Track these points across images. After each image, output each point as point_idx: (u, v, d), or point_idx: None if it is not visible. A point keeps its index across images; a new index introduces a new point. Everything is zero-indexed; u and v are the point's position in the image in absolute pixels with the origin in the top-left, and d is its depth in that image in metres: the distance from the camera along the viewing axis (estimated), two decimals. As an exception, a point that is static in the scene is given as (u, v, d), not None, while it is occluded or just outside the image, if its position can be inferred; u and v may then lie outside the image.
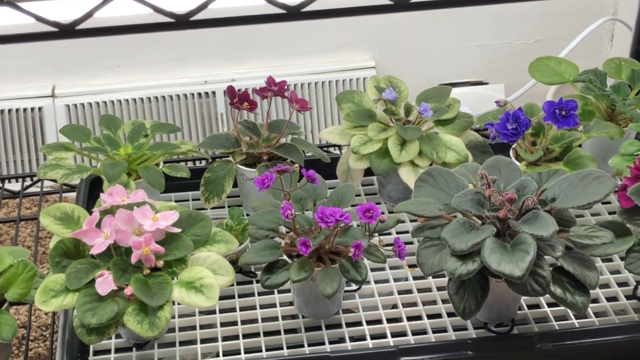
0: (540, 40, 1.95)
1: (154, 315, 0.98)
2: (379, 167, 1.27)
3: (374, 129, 1.29)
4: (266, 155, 1.30)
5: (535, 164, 1.26)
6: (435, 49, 1.92)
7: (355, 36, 1.91)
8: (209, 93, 1.88)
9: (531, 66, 1.40)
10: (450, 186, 1.11)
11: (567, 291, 1.01)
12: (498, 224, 1.04)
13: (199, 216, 1.08)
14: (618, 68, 1.41)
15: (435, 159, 1.27)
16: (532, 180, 1.06)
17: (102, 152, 1.26)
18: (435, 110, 1.31)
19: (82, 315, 0.97)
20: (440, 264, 1.02)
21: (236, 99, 1.28)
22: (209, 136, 1.33)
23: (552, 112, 1.20)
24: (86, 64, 1.83)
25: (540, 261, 1.00)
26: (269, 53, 1.91)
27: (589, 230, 1.02)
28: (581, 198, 1.02)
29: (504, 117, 1.22)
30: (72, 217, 1.07)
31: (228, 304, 1.16)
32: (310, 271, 1.05)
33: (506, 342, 1.06)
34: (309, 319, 1.13)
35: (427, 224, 1.09)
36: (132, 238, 1.01)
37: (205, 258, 1.05)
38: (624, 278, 1.20)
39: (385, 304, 1.17)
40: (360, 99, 1.36)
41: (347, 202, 1.14)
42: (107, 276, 1.00)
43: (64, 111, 1.82)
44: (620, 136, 1.28)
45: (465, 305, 1.02)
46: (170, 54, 1.86)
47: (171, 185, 1.35)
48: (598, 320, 1.12)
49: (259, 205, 1.15)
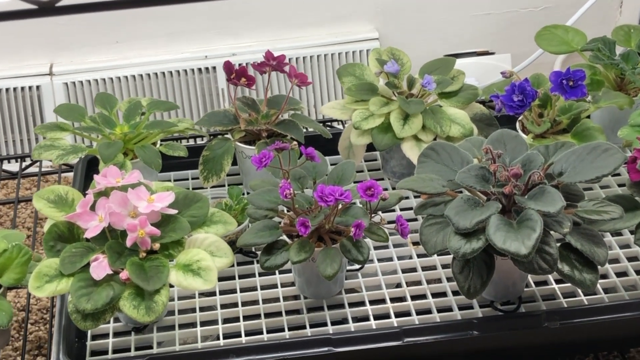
0: (548, 7, 1.90)
1: (151, 299, 0.95)
2: (381, 142, 1.24)
3: (376, 103, 1.26)
4: (266, 132, 1.27)
5: (542, 136, 1.22)
6: (441, 19, 1.88)
7: (358, 7, 1.87)
8: (209, 68, 1.84)
9: (538, 35, 1.36)
10: (455, 161, 1.08)
11: (575, 268, 0.98)
12: (503, 200, 1.01)
13: (196, 197, 1.06)
14: (627, 36, 1.37)
15: (439, 133, 1.23)
16: (538, 154, 1.03)
17: (98, 131, 1.24)
18: (439, 82, 1.27)
19: (77, 300, 0.94)
20: (444, 242, 0.99)
21: (233, 75, 1.25)
22: (207, 113, 1.30)
23: (559, 83, 1.17)
24: (84, 41, 1.80)
25: (547, 238, 0.97)
26: (270, 26, 1.87)
27: (598, 205, 0.99)
28: (589, 172, 0.99)
29: (510, 88, 1.18)
30: (66, 200, 1.05)
31: (228, 285, 1.14)
32: (310, 252, 1.02)
33: (512, 321, 1.04)
34: (310, 300, 1.11)
35: (430, 201, 1.06)
36: (127, 220, 0.99)
37: (203, 240, 1.02)
38: (634, 252, 1.17)
39: (389, 283, 1.14)
40: (361, 72, 1.33)
41: (347, 180, 1.11)
42: (102, 260, 0.97)
43: (62, 89, 1.79)
44: (629, 106, 1.24)
45: (470, 285, 1.00)
46: (169, 29, 1.82)
47: (170, 164, 1.32)
48: (607, 296, 1.09)
49: (258, 185, 1.12)
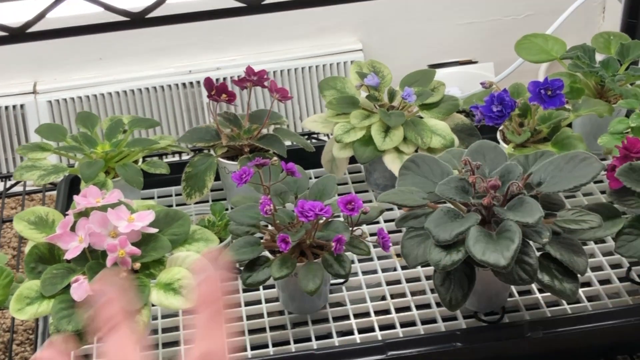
0: (531, 15, 1.91)
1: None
2: (363, 155, 1.24)
3: (357, 116, 1.26)
4: (248, 147, 1.27)
5: (523, 145, 1.23)
6: (424, 29, 1.88)
7: (342, 19, 1.87)
8: (194, 83, 1.85)
9: (517, 44, 1.37)
10: (435, 173, 1.08)
11: (555, 278, 0.98)
12: (483, 212, 1.01)
13: (177, 214, 1.06)
14: (607, 43, 1.37)
15: (421, 145, 1.23)
16: (517, 165, 1.03)
17: (79, 150, 1.23)
18: (419, 94, 1.27)
19: (58, 322, 0.94)
20: (425, 254, 0.99)
21: (214, 91, 1.25)
22: (189, 130, 1.30)
23: (537, 93, 1.17)
24: (67, 58, 1.80)
25: (526, 248, 0.98)
26: (254, 39, 1.87)
27: (577, 215, 0.99)
28: (568, 181, 0.99)
29: (489, 99, 1.18)
30: (47, 221, 1.05)
31: (212, 302, 1.13)
32: (292, 267, 1.02)
33: (495, 332, 1.04)
34: (295, 315, 1.11)
35: (411, 214, 1.06)
36: (107, 241, 0.99)
37: (184, 258, 1.02)
38: (616, 260, 1.17)
39: (374, 295, 1.14)
40: (343, 85, 1.33)
41: (329, 194, 1.11)
42: (83, 281, 0.97)
43: (47, 108, 1.80)
44: (609, 114, 1.24)
45: (451, 297, 1.00)
46: (153, 45, 1.83)
47: (153, 181, 1.32)
48: (591, 304, 1.09)
49: (239, 201, 1.12)
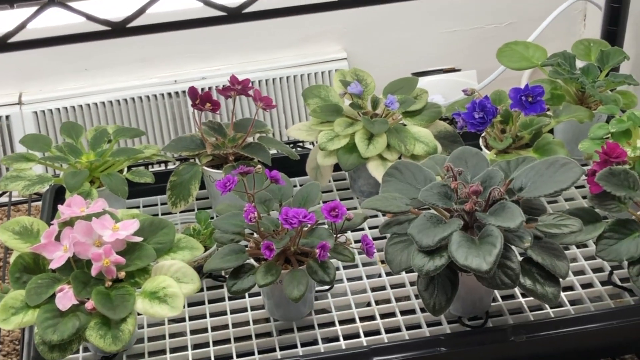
0: (513, 23, 1.92)
1: (117, 328, 0.95)
2: (347, 162, 1.25)
3: (341, 124, 1.27)
4: (233, 155, 1.28)
5: (505, 151, 1.24)
6: (408, 38, 1.90)
7: (327, 28, 1.88)
8: (179, 92, 1.85)
9: (499, 52, 1.38)
10: (418, 180, 1.09)
11: (537, 282, 0.99)
12: (466, 217, 1.02)
13: (162, 223, 1.06)
14: (587, 50, 1.39)
15: (404, 152, 1.25)
16: (498, 171, 1.04)
17: (64, 160, 1.24)
18: (402, 102, 1.29)
19: (43, 332, 0.94)
20: (409, 260, 1.00)
21: (198, 100, 1.25)
22: (174, 139, 1.31)
23: (518, 99, 1.18)
24: (53, 69, 1.80)
25: (508, 253, 0.99)
26: (239, 48, 1.88)
27: (558, 219, 1.00)
28: (548, 186, 1.00)
29: (471, 106, 1.20)
30: (31, 231, 1.05)
31: (198, 310, 1.14)
32: (276, 274, 1.03)
33: (479, 337, 1.05)
34: (280, 322, 1.11)
35: (395, 220, 1.06)
36: (91, 250, 0.99)
37: (169, 266, 1.02)
38: (598, 264, 1.18)
39: (359, 302, 1.15)
40: (327, 93, 1.34)
41: (312, 202, 1.12)
42: (68, 290, 0.97)
43: (32, 118, 1.79)
44: (589, 119, 1.26)
45: (435, 302, 1.01)
46: (138, 55, 1.83)
47: (138, 190, 1.33)
48: (573, 308, 1.10)
49: (224, 209, 1.12)
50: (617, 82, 1.31)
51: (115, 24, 0.81)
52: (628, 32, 1.58)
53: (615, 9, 1.54)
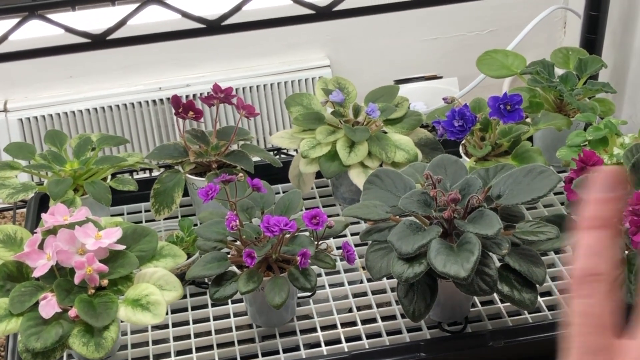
0: (494, 31, 1.94)
1: (100, 336, 0.96)
2: (328, 170, 1.26)
3: (323, 131, 1.29)
4: (216, 163, 1.29)
5: (485, 159, 1.26)
6: (390, 45, 1.91)
7: (310, 35, 1.90)
8: (164, 100, 1.86)
9: (479, 60, 1.40)
10: (398, 187, 1.11)
11: (514, 289, 1.01)
12: (445, 224, 1.04)
13: (145, 231, 1.07)
14: (566, 58, 1.41)
15: (385, 159, 1.26)
16: (477, 179, 1.06)
17: (48, 168, 1.25)
18: (383, 110, 1.30)
19: (27, 339, 0.95)
20: (389, 267, 1.02)
21: (181, 109, 1.27)
22: (157, 146, 1.32)
23: (497, 108, 1.20)
24: (38, 76, 1.80)
25: (486, 260, 1.00)
26: (223, 56, 1.89)
27: (535, 226, 1.02)
28: (526, 194, 1.02)
29: (450, 114, 1.21)
30: (15, 239, 1.06)
31: (181, 317, 1.15)
32: (258, 282, 1.04)
33: (458, 342, 1.06)
34: (263, 328, 1.13)
35: (375, 227, 1.08)
36: (74, 258, 1.00)
37: (152, 274, 1.03)
38: (576, 269, 1.20)
39: (341, 308, 1.16)
40: (309, 101, 1.35)
41: (294, 209, 1.13)
42: (51, 298, 0.98)
43: (17, 125, 1.80)
44: (567, 127, 1.28)
45: (414, 308, 1.02)
46: (122, 62, 1.84)
47: (122, 197, 1.33)
48: (551, 313, 1.12)
49: (206, 217, 1.13)
50: (594, 89, 1.33)
51: (95, 36, 0.82)
52: (606, 40, 1.60)
53: (593, 17, 1.57)
